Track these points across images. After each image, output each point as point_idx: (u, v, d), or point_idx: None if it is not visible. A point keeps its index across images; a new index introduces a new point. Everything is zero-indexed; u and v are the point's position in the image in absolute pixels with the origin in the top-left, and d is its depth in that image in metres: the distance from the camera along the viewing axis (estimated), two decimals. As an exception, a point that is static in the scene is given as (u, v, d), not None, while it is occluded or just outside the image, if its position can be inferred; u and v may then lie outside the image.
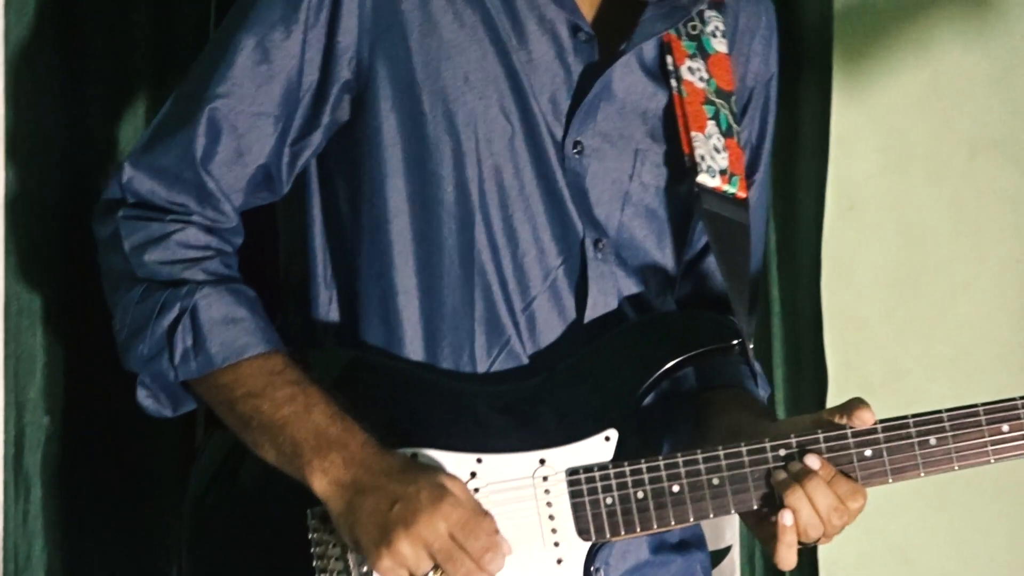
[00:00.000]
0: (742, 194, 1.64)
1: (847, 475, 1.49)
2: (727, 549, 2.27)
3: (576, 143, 1.58)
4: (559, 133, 1.57)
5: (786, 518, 1.47)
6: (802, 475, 1.48)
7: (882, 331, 2.68)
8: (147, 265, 1.51)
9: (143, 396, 1.55)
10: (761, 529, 1.53)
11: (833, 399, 2.42)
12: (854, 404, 1.52)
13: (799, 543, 1.49)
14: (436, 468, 1.47)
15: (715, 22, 1.67)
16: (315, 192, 1.62)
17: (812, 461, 1.48)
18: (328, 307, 1.61)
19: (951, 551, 2.70)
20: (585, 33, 1.58)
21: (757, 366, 1.67)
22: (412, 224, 1.56)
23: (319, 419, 1.46)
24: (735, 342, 1.57)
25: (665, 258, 1.65)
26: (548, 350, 1.58)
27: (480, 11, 1.56)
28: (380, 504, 1.43)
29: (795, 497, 1.47)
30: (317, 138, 1.58)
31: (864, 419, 1.50)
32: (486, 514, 1.45)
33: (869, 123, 2.68)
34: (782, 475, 1.49)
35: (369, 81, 1.55)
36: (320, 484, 1.45)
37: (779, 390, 2.38)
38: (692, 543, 1.70)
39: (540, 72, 1.57)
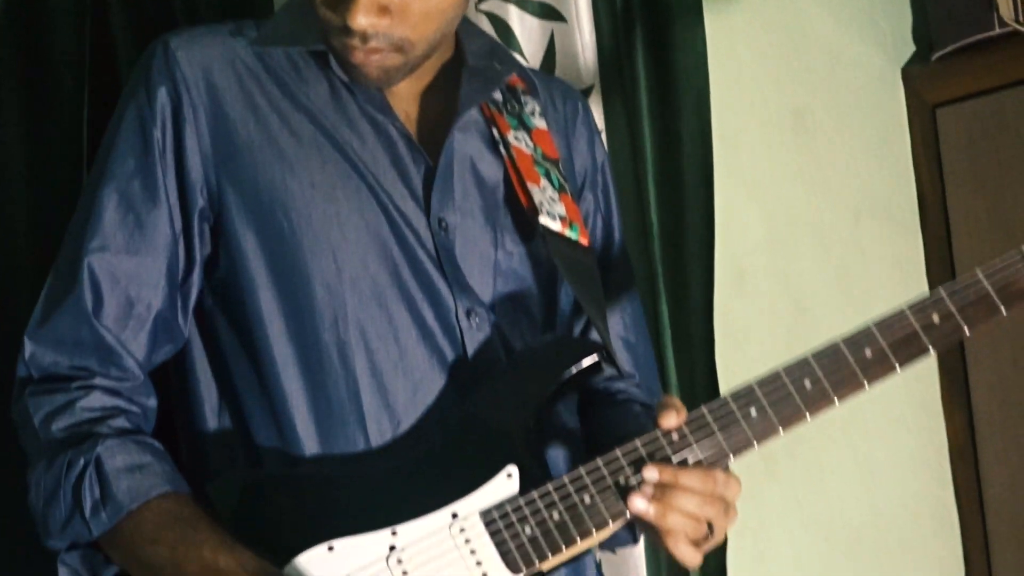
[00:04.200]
0: (584, 241, 1.72)
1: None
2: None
3: (440, 220, 1.64)
4: (421, 215, 1.63)
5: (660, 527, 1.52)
6: (654, 489, 1.52)
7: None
8: (54, 433, 1.53)
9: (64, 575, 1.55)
10: (651, 535, 1.57)
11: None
12: (662, 406, 1.56)
13: (697, 544, 1.54)
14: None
15: (532, 103, 1.79)
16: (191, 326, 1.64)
17: (649, 473, 1.52)
18: (219, 430, 1.63)
19: None
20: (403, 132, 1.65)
21: (626, 367, 1.77)
22: (287, 330, 1.59)
23: (207, 554, 1.47)
24: (597, 358, 1.62)
25: (540, 316, 1.71)
26: (436, 414, 1.61)
27: (315, 123, 1.63)
28: None
29: (655, 512, 1.51)
30: (198, 274, 1.62)
31: (667, 423, 1.54)
32: None
33: (752, 195, 2.74)
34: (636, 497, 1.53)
35: (222, 207, 1.60)
36: None
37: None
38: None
39: (383, 166, 1.63)
